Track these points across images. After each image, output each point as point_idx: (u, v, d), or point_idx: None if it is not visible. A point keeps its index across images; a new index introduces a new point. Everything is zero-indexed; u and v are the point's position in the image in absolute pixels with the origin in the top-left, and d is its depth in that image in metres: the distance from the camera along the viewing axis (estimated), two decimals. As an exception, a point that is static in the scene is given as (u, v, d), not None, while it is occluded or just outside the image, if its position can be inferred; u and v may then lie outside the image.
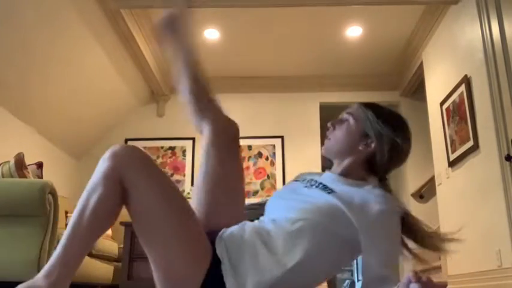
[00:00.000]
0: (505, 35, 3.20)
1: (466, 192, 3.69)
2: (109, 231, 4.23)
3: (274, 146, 5.54)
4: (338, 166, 1.39)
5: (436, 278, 4.34)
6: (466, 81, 3.66)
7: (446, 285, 3.74)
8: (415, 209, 5.21)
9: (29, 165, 3.18)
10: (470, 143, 3.56)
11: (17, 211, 2.51)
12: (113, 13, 4.04)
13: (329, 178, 1.36)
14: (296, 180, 1.44)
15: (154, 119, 5.67)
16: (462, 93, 3.73)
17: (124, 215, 1.18)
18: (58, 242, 2.63)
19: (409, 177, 5.33)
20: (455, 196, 3.92)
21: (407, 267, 5.40)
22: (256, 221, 1.30)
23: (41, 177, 3.27)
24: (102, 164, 1.14)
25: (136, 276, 3.03)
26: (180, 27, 1.50)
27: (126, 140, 5.49)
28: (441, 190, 4.26)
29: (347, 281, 10.44)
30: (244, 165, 5.48)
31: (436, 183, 4.39)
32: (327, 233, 1.19)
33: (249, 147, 5.53)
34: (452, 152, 3.94)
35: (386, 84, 5.69)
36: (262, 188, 5.40)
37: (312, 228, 1.18)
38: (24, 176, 2.94)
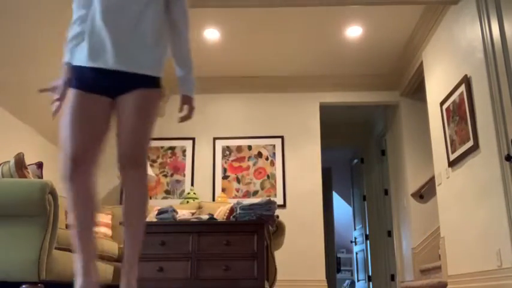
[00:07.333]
0: (505, 35, 3.20)
1: (466, 192, 3.69)
2: (109, 231, 4.22)
3: (274, 146, 5.54)
4: None
5: (436, 278, 4.34)
6: (466, 81, 3.66)
7: None
8: (415, 209, 5.22)
9: (29, 165, 3.18)
10: (470, 143, 3.56)
11: (17, 211, 2.51)
12: (113, 13, 4.04)
13: None
14: None
15: (154, 119, 5.66)
16: (462, 93, 3.73)
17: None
18: (58, 242, 2.63)
19: (409, 177, 5.33)
20: (455, 196, 3.92)
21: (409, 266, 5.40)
22: None
23: (41, 177, 3.27)
24: None
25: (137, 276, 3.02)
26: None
27: (126, 140, 5.47)
28: (441, 190, 4.26)
29: (347, 281, 10.45)
30: (244, 165, 5.49)
31: (436, 183, 4.39)
32: None
33: (249, 147, 5.53)
34: (452, 152, 3.94)
35: (386, 84, 5.70)
36: (262, 188, 5.40)
37: None
38: (24, 176, 2.93)
